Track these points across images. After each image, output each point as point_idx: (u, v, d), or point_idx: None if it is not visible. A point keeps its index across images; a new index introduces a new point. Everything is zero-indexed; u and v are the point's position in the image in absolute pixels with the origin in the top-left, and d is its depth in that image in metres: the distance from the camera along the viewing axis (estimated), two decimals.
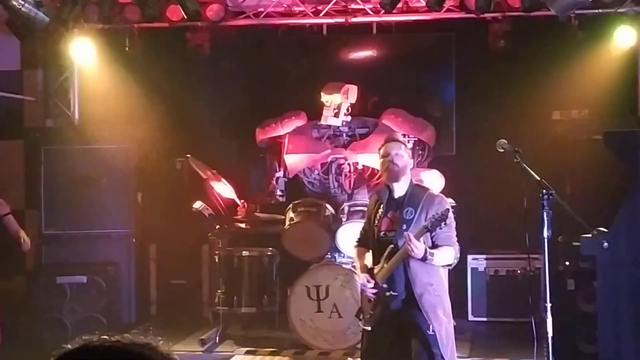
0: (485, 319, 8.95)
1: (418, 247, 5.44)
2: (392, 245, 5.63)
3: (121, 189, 9.26)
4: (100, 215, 9.20)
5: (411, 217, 5.63)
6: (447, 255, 5.65)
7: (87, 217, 9.17)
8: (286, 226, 8.28)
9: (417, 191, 5.79)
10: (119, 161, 9.24)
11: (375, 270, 5.74)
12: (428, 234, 5.57)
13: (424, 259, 5.50)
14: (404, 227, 5.59)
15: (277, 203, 9.12)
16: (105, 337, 1.60)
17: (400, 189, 5.77)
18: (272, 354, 8.16)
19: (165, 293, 9.45)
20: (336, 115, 8.66)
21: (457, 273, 7.88)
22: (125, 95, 9.46)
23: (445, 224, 5.49)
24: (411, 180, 5.85)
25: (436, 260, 5.57)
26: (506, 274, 8.94)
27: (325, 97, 8.68)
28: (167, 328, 8.95)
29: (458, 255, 5.80)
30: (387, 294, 5.67)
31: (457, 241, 5.78)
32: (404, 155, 5.79)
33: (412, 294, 5.61)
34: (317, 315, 8.05)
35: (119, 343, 1.57)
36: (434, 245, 5.61)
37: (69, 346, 1.58)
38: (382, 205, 5.80)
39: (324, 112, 8.64)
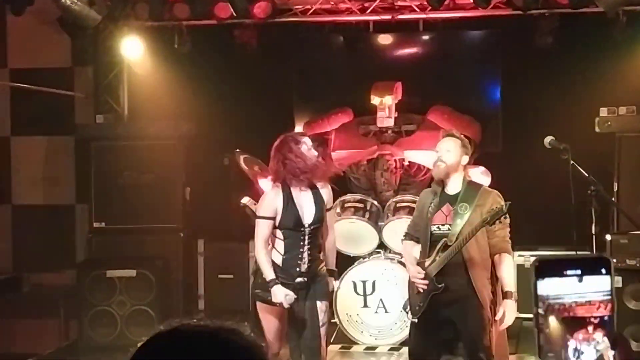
0: (531, 315, 8.91)
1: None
2: (445, 239, 5.69)
3: (170, 184, 9.37)
4: (149, 210, 9.32)
5: (465, 212, 5.69)
6: (511, 268, 5.82)
7: (136, 212, 9.29)
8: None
9: (471, 187, 5.86)
10: (168, 157, 9.35)
11: (427, 263, 5.79)
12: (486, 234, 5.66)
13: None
14: (458, 221, 5.65)
15: None
16: (195, 321, 1.66)
17: (454, 185, 5.84)
18: None
19: (212, 287, 9.54)
20: (389, 115, 8.70)
21: None
22: (174, 91, 9.59)
23: (505, 217, 5.55)
24: (464, 177, 5.90)
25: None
26: None
27: (376, 99, 8.69)
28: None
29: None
30: (440, 286, 5.73)
31: None
32: (455, 152, 5.83)
33: (472, 287, 5.67)
34: (363, 310, 8.10)
35: (208, 328, 1.63)
36: (491, 252, 5.71)
37: (162, 327, 1.65)
38: (435, 199, 5.86)
39: (379, 114, 8.67)
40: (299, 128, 9.70)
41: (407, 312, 6.00)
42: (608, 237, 7.82)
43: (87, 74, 10.11)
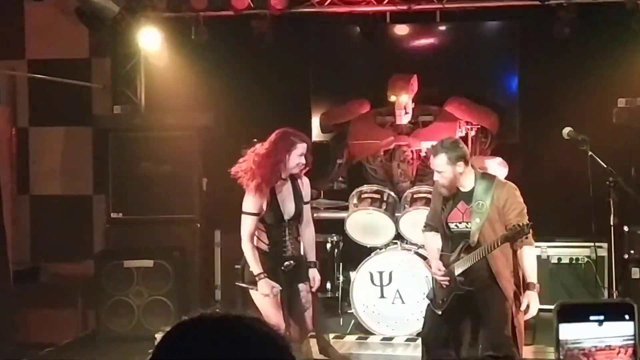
0: (548, 307, 8.90)
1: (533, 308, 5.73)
2: (466, 240, 5.69)
3: (187, 174, 9.39)
4: (166, 201, 9.34)
5: (483, 209, 5.68)
6: (532, 260, 5.83)
7: (153, 203, 9.31)
8: (350, 212, 8.34)
9: (484, 181, 5.82)
10: (185, 147, 9.37)
11: (451, 258, 5.80)
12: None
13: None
14: (477, 220, 5.64)
15: (340, 189, 9.18)
16: (217, 311, 1.69)
17: (466, 183, 5.82)
18: (335, 339, 8.22)
19: (229, 278, 9.51)
20: (406, 112, 8.70)
21: None
22: (191, 82, 9.60)
23: (526, 237, 5.57)
24: (475, 170, 5.88)
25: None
26: (570, 262, 8.90)
27: (393, 97, 8.68)
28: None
29: None
30: (463, 287, 5.74)
31: None
32: (446, 170, 5.79)
33: (494, 281, 5.68)
34: (380, 301, 8.10)
35: (230, 316, 1.66)
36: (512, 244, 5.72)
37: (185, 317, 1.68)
38: (450, 195, 5.86)
39: (397, 112, 8.66)
40: (315, 119, 9.71)
41: (430, 301, 6.01)
42: (626, 228, 7.78)
43: (105, 65, 10.14)
